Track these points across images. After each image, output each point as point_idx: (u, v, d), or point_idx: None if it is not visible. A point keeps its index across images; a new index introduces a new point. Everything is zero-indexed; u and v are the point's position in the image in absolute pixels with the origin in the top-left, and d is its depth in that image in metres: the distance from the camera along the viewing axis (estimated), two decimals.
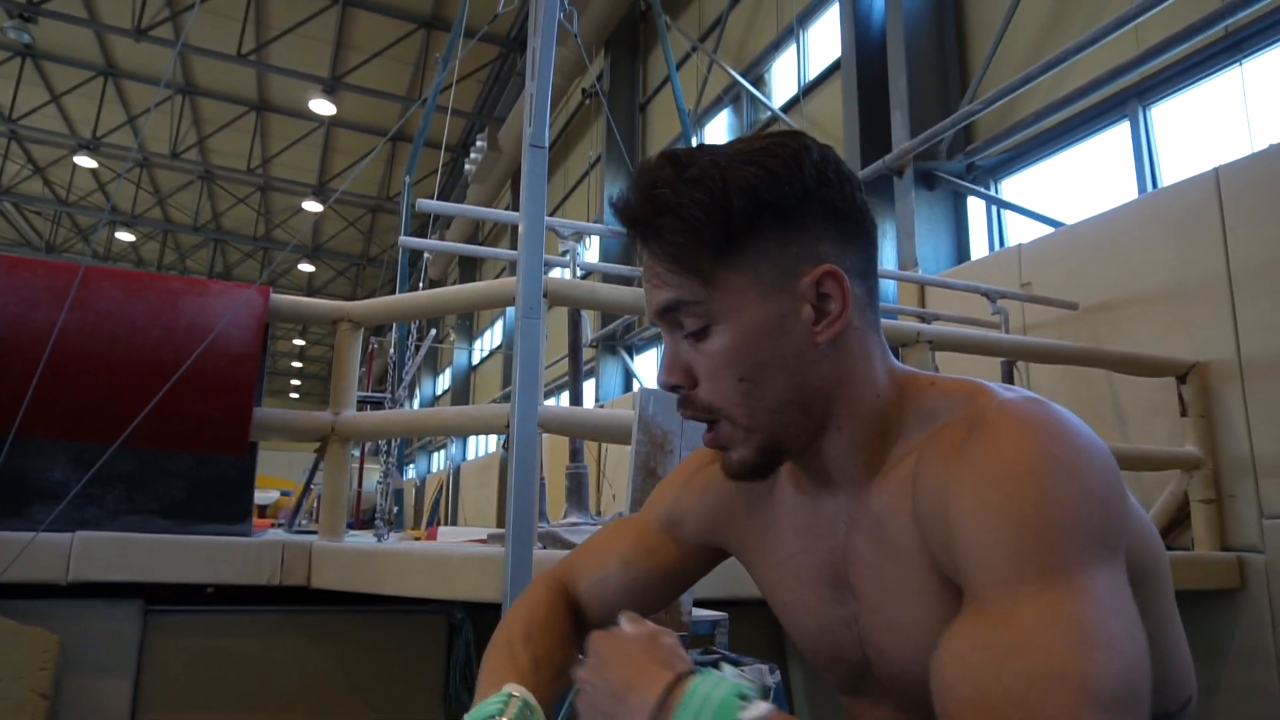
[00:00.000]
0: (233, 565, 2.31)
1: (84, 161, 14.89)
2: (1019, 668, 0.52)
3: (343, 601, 2.55)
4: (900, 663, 0.72)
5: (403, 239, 2.83)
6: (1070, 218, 4.47)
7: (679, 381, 0.74)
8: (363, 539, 2.96)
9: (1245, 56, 3.88)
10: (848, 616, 0.78)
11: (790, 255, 0.70)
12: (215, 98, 13.94)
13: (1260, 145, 3.31)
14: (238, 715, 2.46)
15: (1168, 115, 4.29)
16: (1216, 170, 3.44)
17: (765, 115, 7.57)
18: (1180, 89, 4.19)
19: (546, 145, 1.90)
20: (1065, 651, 0.52)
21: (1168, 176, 4.20)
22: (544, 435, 1.97)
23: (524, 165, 1.89)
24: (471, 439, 18.22)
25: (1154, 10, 3.70)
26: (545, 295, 2.14)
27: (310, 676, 2.57)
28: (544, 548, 2.28)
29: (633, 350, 10.04)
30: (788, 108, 7.02)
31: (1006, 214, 5.17)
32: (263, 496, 14.27)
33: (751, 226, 0.69)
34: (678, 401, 0.75)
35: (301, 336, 24.75)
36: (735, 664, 1.94)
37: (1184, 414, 3.33)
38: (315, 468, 4.68)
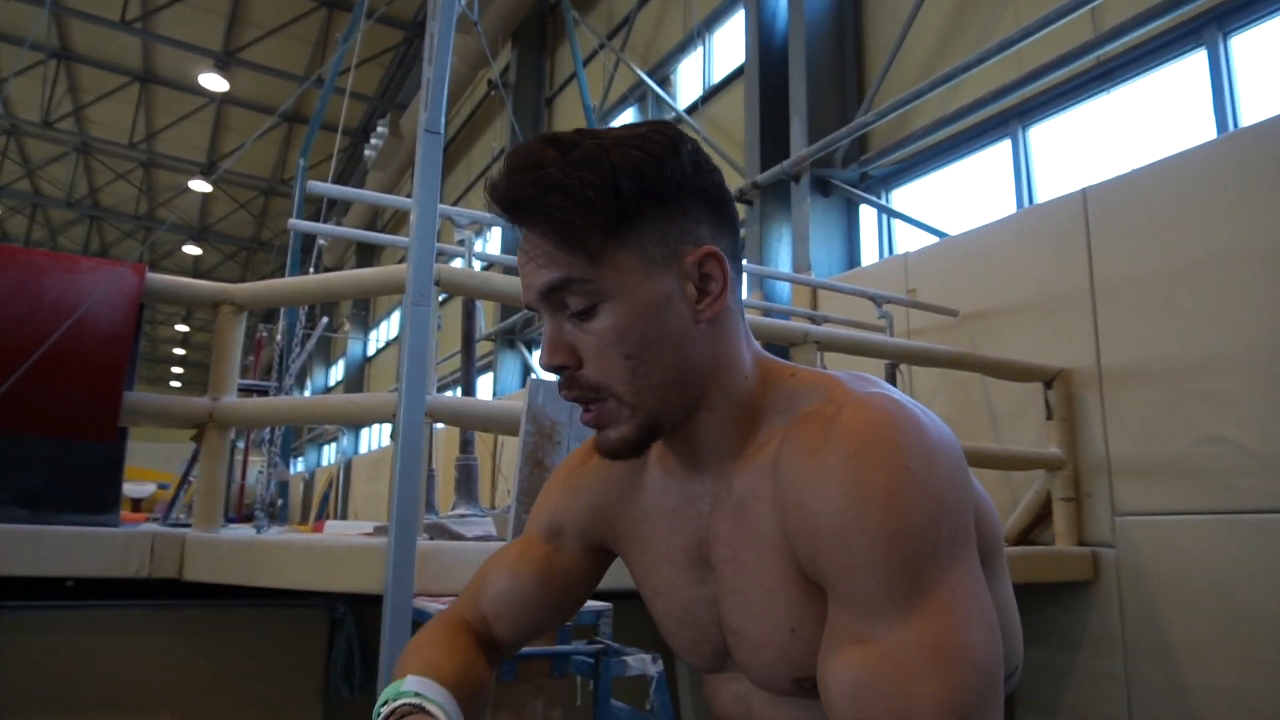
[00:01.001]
0: (96, 557, 2.19)
1: None
2: (894, 691, 0.59)
3: (218, 596, 2.45)
4: (754, 643, 0.75)
5: (293, 222, 2.74)
6: (954, 229, 4.68)
7: (564, 362, 0.74)
8: (242, 532, 2.85)
9: (1114, 85, 4.15)
10: (708, 597, 0.80)
11: (674, 236, 0.73)
12: (95, 65, 13.13)
13: (1125, 169, 3.55)
14: (101, 716, 2.34)
15: (1045, 136, 4.55)
16: (1085, 191, 3.67)
17: (670, 115, 7.65)
18: (1056, 112, 4.46)
19: (442, 131, 1.88)
20: (933, 674, 0.58)
21: (1043, 194, 4.46)
22: (440, 428, 1.94)
23: (419, 150, 1.87)
24: (364, 432, 17.74)
25: (1034, 37, 3.93)
26: (438, 283, 2.12)
27: (180, 674, 2.47)
28: (431, 539, 2.25)
29: (531, 345, 9.99)
30: (692, 110, 7.11)
31: (896, 223, 5.39)
32: (138, 490, 13.49)
33: (638, 207, 0.71)
34: (561, 382, 0.75)
35: (185, 322, 23.58)
36: (618, 654, 1.96)
37: (1049, 417, 3.55)
38: (194, 459, 4.47)
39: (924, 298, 4.20)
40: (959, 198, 5.05)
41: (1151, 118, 4.01)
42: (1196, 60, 3.81)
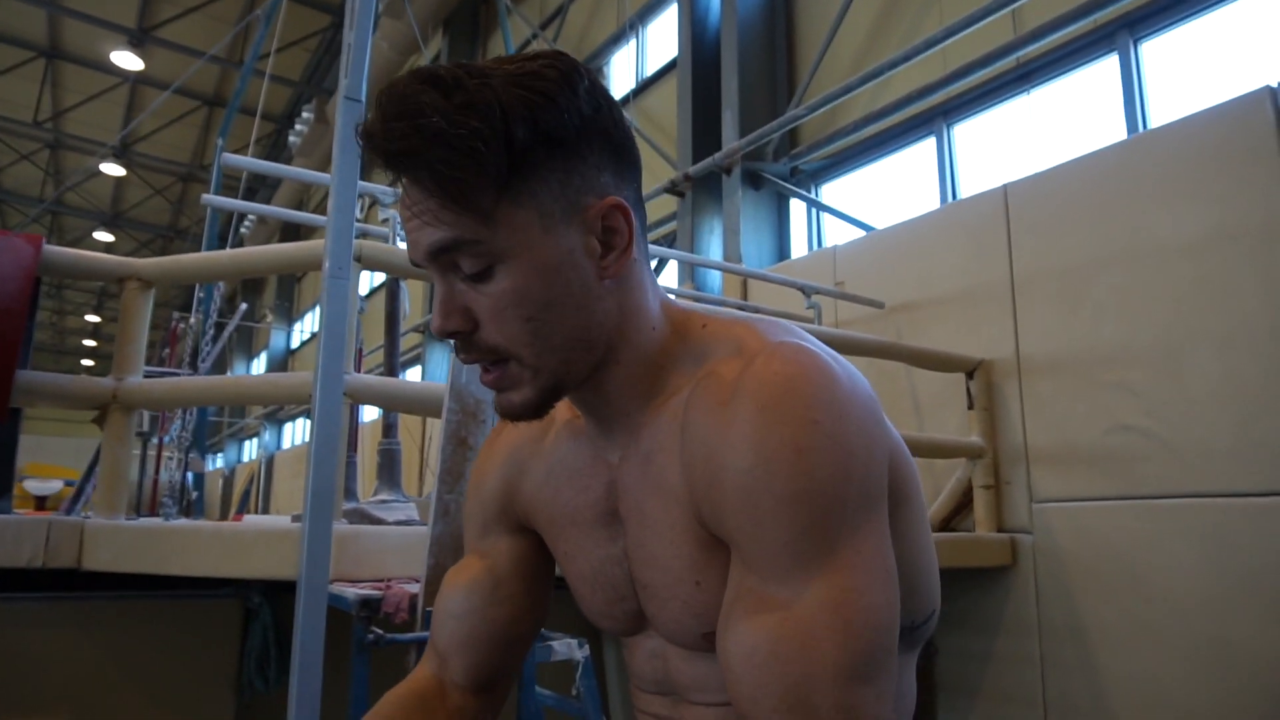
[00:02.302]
0: None
1: None
2: (793, 656, 0.58)
3: (122, 587, 2.33)
4: (660, 597, 0.73)
5: (206, 197, 2.62)
6: (881, 223, 4.77)
7: (458, 326, 0.68)
8: (149, 521, 2.72)
9: (1034, 86, 4.28)
10: (618, 554, 0.78)
11: (574, 187, 0.67)
12: None
13: (1043, 167, 3.65)
14: None
15: (968, 134, 4.66)
16: (1005, 187, 3.77)
17: None
18: (979, 111, 4.57)
19: (363, 99, 1.81)
20: (833, 638, 0.57)
21: (966, 190, 4.57)
22: (367, 420, 1.88)
23: (338, 117, 1.80)
24: (287, 428, 17.25)
25: (958, 36, 4.01)
26: (359, 259, 2.05)
27: (80, 670, 2.34)
28: (350, 524, 2.18)
29: None
30: (624, 102, 7.09)
31: (825, 216, 5.46)
32: (43, 487, 12.86)
33: (533, 156, 0.65)
34: (457, 345, 0.70)
35: (97, 313, 22.56)
36: (543, 639, 1.92)
37: (970, 407, 3.63)
38: (99, 453, 4.26)
39: (852, 289, 4.26)
40: (886, 193, 5.15)
41: (1068, 118, 4.14)
42: (1110, 64, 3.94)
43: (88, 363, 26.89)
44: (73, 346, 25.82)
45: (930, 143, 4.81)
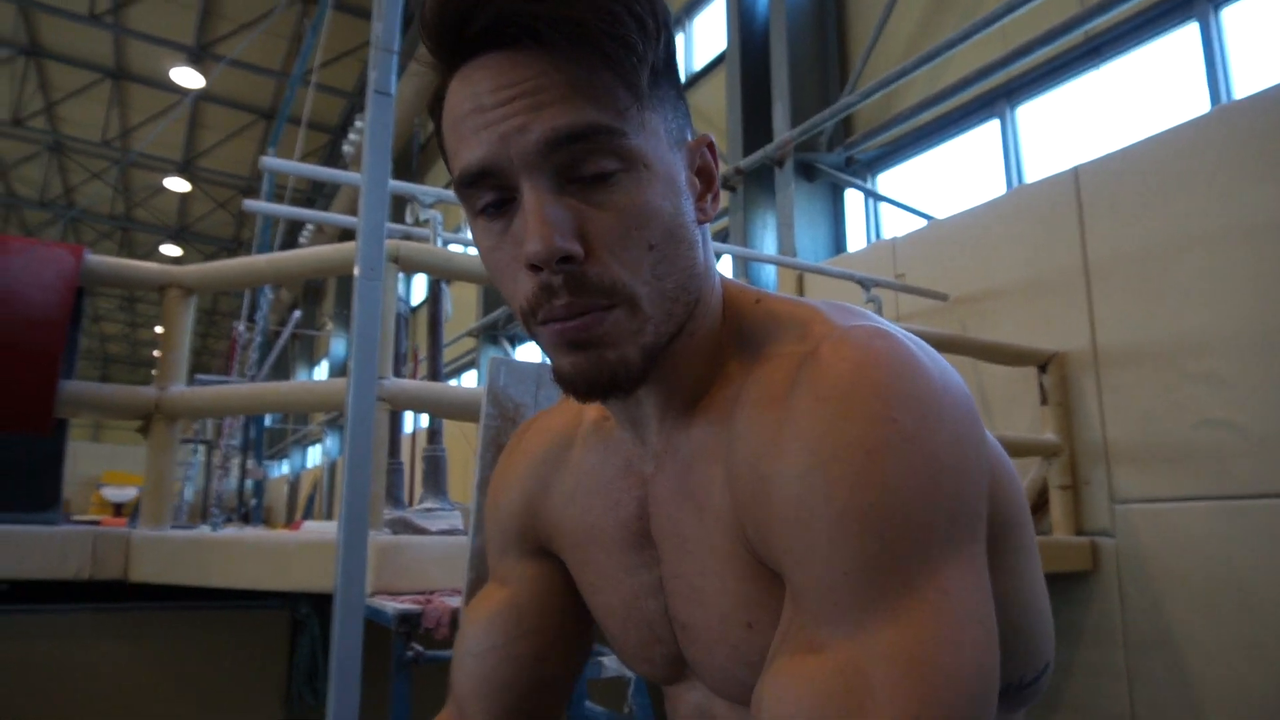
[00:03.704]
0: (32, 559, 2.04)
1: None
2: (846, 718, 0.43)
3: (171, 598, 2.31)
4: (704, 641, 0.59)
5: (248, 202, 2.60)
6: (942, 212, 4.57)
7: (575, 247, 0.51)
8: (195, 531, 2.71)
9: (1104, 60, 4.04)
10: (652, 583, 0.64)
11: (680, 112, 0.58)
12: (65, 61, 12.87)
13: (1117, 146, 3.44)
14: None
15: (1033, 115, 4.44)
16: (1076, 169, 3.56)
17: None
18: (1044, 90, 4.34)
19: (392, 92, 1.73)
20: (900, 704, 0.43)
21: (1032, 174, 4.34)
22: (408, 428, 1.82)
23: (368, 114, 1.72)
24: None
25: (1020, 11, 3.81)
26: (396, 260, 1.98)
27: (129, 682, 2.32)
28: (394, 534, 2.11)
29: (515, 340, 9.83)
30: None
31: (882, 207, 5.27)
32: (119, 494, 13.29)
33: (668, 65, 0.55)
34: (561, 283, 0.52)
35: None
36: (594, 654, 1.83)
37: (1044, 402, 3.43)
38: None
39: (912, 282, 4.08)
40: (946, 180, 4.94)
41: (1143, 93, 3.90)
42: (1188, 33, 3.70)
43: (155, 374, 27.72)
44: (145, 358, 26.72)
45: (993, 125, 4.59)
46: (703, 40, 7.12)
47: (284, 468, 19.62)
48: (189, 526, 3.26)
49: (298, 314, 4.76)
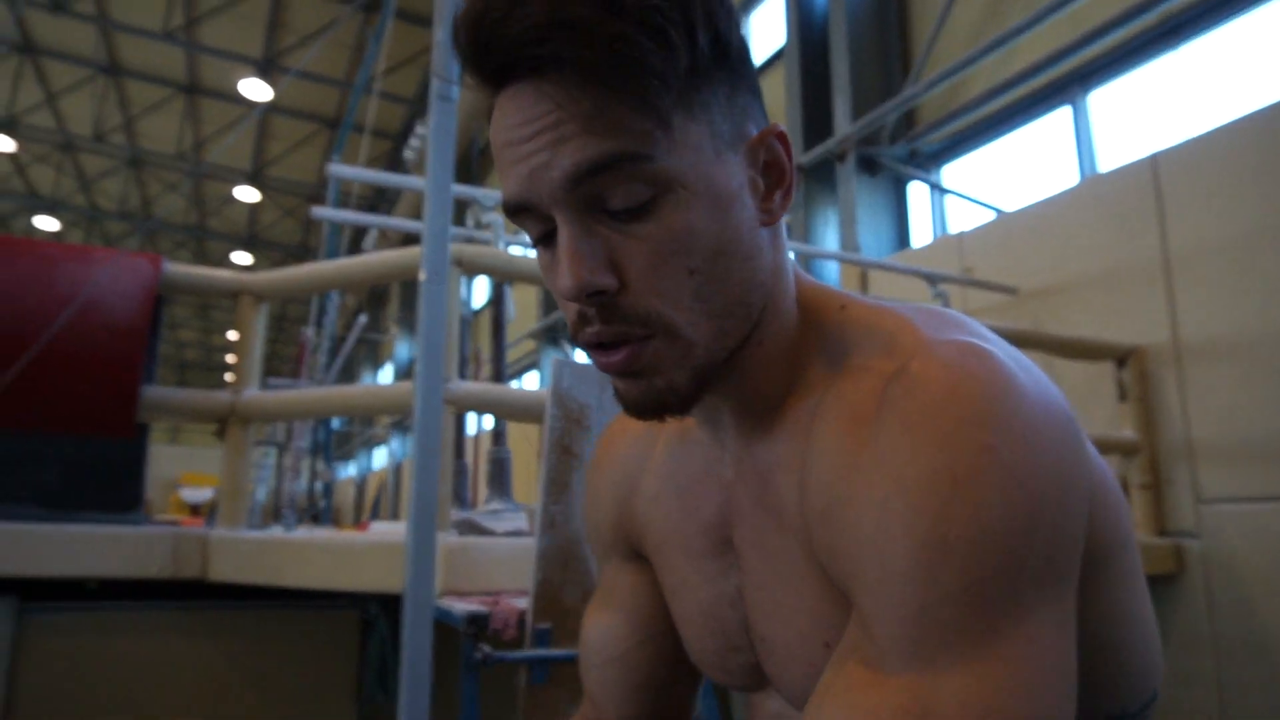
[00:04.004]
0: (117, 557, 2.12)
1: (2, 143, 14.17)
2: None
3: (246, 597, 2.37)
4: (781, 657, 0.58)
5: (315, 209, 2.65)
6: (1011, 204, 4.44)
7: (606, 282, 0.50)
8: (269, 532, 2.77)
9: (1182, 42, 3.88)
10: (732, 592, 0.62)
11: (738, 107, 0.54)
12: (141, 78, 13.38)
13: (1197, 131, 3.29)
14: None
15: (1107, 101, 4.28)
16: (1154, 156, 3.42)
17: None
18: (1119, 74, 4.19)
19: (455, 98, 1.74)
20: None
21: (1106, 162, 4.19)
22: (472, 429, 1.83)
23: (431, 120, 1.74)
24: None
25: None
26: (459, 264, 2.00)
27: (206, 678, 2.38)
28: (461, 535, 2.13)
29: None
30: None
31: (948, 200, 5.15)
32: (196, 495, 13.75)
33: (712, 61, 0.52)
34: (596, 313, 0.52)
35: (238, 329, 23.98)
36: None
37: (1122, 398, 3.31)
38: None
39: (981, 277, 3.97)
40: (1015, 171, 4.80)
41: (1224, 75, 3.73)
42: (1271, 10, 3.52)
43: (229, 377, 28.64)
44: (218, 363, 27.63)
45: (1064, 113, 4.44)
46: (760, 36, 7.05)
47: (350, 470, 20.06)
48: (262, 528, 3.35)
49: (363, 318, 4.85)
